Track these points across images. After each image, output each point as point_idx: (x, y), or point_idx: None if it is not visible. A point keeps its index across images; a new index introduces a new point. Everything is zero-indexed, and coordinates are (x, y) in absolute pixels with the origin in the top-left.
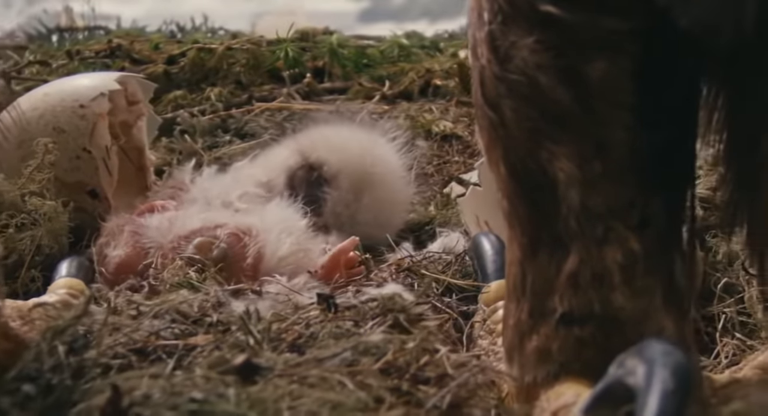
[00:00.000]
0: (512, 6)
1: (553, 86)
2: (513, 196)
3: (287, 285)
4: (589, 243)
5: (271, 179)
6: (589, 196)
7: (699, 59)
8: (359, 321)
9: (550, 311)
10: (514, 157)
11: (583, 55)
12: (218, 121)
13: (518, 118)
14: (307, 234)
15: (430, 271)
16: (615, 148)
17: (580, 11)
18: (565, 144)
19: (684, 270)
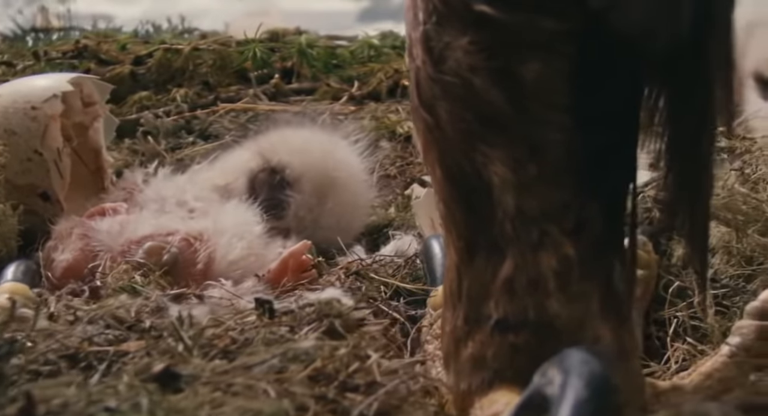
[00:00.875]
0: (447, 5)
1: (487, 88)
2: (449, 200)
3: (230, 290)
4: (524, 249)
5: (230, 182)
6: (524, 200)
7: (637, 60)
8: (295, 326)
9: (485, 317)
10: (449, 159)
11: (518, 56)
12: (182, 123)
13: (453, 121)
14: (261, 238)
15: (380, 275)
16: (550, 151)
17: (515, 11)
18: (500, 147)
19: (623, 276)
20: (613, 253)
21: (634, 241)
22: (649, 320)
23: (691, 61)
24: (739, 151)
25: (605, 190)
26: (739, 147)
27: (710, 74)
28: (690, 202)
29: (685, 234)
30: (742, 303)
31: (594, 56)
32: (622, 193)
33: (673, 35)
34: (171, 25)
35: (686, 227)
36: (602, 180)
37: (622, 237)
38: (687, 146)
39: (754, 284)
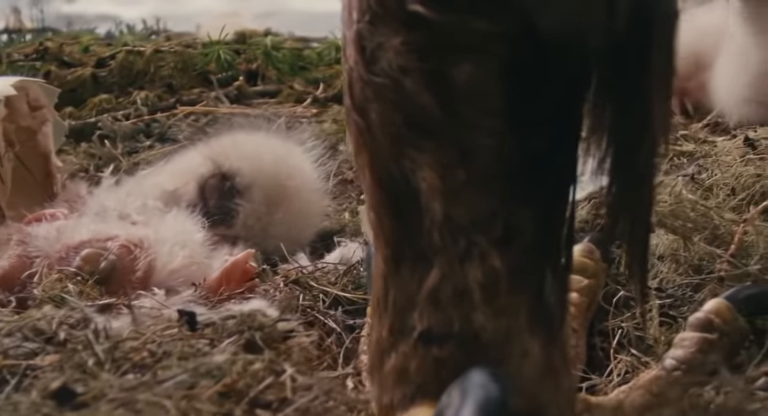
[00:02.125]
0: (381, 4)
1: (418, 90)
2: (377, 206)
3: (159, 300)
4: (451, 259)
5: (179, 188)
6: (452, 208)
7: (574, 63)
8: (215, 340)
9: (409, 329)
10: (378, 164)
11: (450, 57)
12: (142, 126)
13: (383, 124)
14: (204, 246)
15: (320, 283)
16: (480, 156)
17: (448, 12)
18: (428, 152)
19: (556, 287)
20: (546, 264)
21: (569, 252)
22: (594, 330)
23: (631, 59)
24: (698, 154)
25: (538, 198)
26: (698, 151)
27: (650, 79)
28: (630, 210)
29: (626, 244)
30: (689, 314)
31: (528, 58)
32: (558, 201)
33: (607, 35)
34: (146, 26)
35: (627, 236)
36: (535, 187)
37: (556, 248)
38: (627, 154)
39: (702, 293)
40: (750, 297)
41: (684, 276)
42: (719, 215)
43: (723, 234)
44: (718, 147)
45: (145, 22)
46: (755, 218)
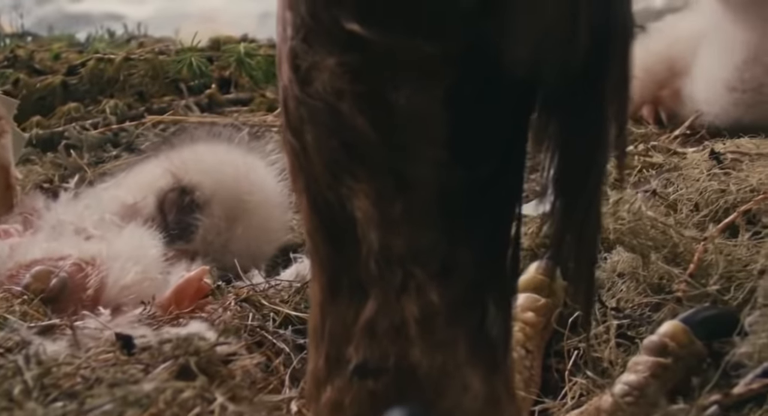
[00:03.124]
0: (316, 21)
1: (353, 115)
2: (313, 232)
3: (102, 321)
4: (387, 290)
5: (138, 201)
6: (389, 239)
7: (525, 87)
8: (150, 365)
9: (345, 360)
10: (315, 189)
11: (389, 81)
12: (110, 135)
13: (319, 148)
14: (158, 262)
15: (272, 301)
16: (420, 186)
17: (388, 32)
18: (365, 180)
19: (499, 318)
20: (488, 295)
21: (513, 281)
22: (550, 351)
23: (583, 91)
24: (666, 167)
25: (481, 230)
26: (667, 163)
27: (603, 105)
28: (576, 232)
29: (571, 266)
30: (647, 334)
31: (474, 84)
32: (502, 231)
33: (565, 68)
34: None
35: (572, 258)
36: (478, 219)
37: (500, 279)
38: (576, 174)
39: (661, 313)
40: (707, 320)
41: (643, 295)
42: (679, 233)
43: (683, 252)
44: (687, 159)
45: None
46: (715, 236)
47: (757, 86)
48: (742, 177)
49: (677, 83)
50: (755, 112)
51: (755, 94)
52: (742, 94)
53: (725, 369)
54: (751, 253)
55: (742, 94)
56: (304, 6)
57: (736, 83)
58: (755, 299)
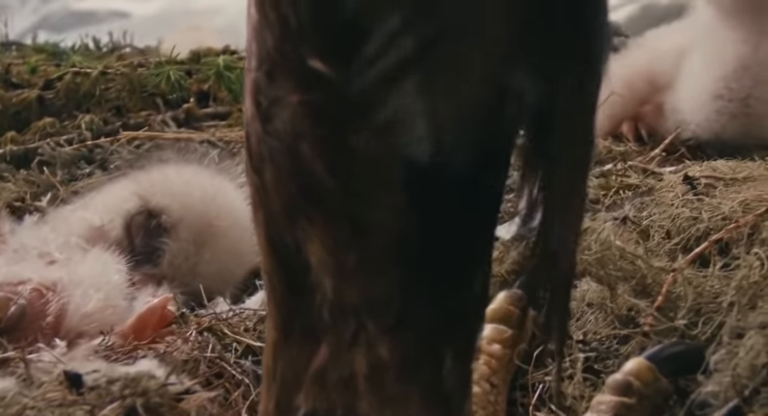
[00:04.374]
0: (280, 54)
1: (313, 158)
2: (270, 272)
3: (56, 355)
4: (339, 341)
5: (106, 224)
6: (343, 288)
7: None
8: (96, 406)
9: (294, 407)
10: (273, 228)
11: (350, 125)
12: (84, 152)
13: (277, 188)
14: (121, 288)
15: (234, 330)
16: (377, 233)
17: (352, 71)
18: (320, 225)
19: (457, 371)
20: (446, 347)
21: (475, 332)
22: (515, 384)
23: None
24: (642, 188)
25: (441, 282)
26: (643, 185)
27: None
28: (551, 261)
29: (544, 298)
30: (614, 368)
31: None
32: (465, 282)
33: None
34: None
35: (546, 289)
36: (437, 267)
37: (459, 331)
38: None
39: (630, 346)
40: (673, 356)
41: (611, 327)
42: (647, 263)
43: (651, 283)
44: (664, 180)
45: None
46: (684, 268)
47: (744, 97)
48: (715, 204)
49: (659, 99)
50: (738, 125)
51: (741, 105)
52: (728, 103)
53: (690, 408)
54: (722, 285)
55: (727, 102)
56: (270, 38)
57: (722, 91)
58: (721, 336)
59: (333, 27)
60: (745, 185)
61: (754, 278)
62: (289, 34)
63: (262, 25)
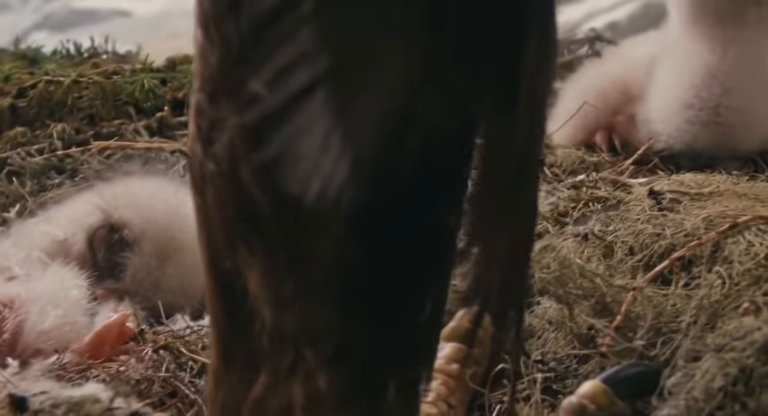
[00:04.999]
0: (223, 75)
1: (251, 182)
2: (212, 297)
3: (7, 376)
4: (278, 370)
5: (69, 238)
6: (282, 317)
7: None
8: None
9: None
10: (214, 252)
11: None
12: (55, 162)
13: (218, 211)
14: (80, 304)
15: (191, 349)
16: (317, 263)
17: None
18: (259, 252)
19: (401, 402)
20: (389, 378)
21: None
22: (473, 405)
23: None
24: (611, 202)
25: (382, 311)
26: (612, 197)
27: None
28: (503, 279)
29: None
30: (573, 388)
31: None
32: (408, 311)
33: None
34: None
35: (500, 308)
36: (380, 299)
37: (405, 358)
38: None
39: (589, 365)
40: (630, 378)
41: (570, 346)
42: (607, 282)
43: (611, 303)
44: (633, 193)
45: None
46: (643, 287)
47: (714, 106)
48: (678, 220)
49: (632, 109)
50: (709, 134)
51: (711, 113)
52: (698, 112)
53: None
54: (683, 304)
55: (698, 111)
56: (213, 58)
57: (692, 100)
58: (676, 360)
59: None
60: (710, 200)
61: (715, 297)
62: (231, 55)
63: (206, 45)
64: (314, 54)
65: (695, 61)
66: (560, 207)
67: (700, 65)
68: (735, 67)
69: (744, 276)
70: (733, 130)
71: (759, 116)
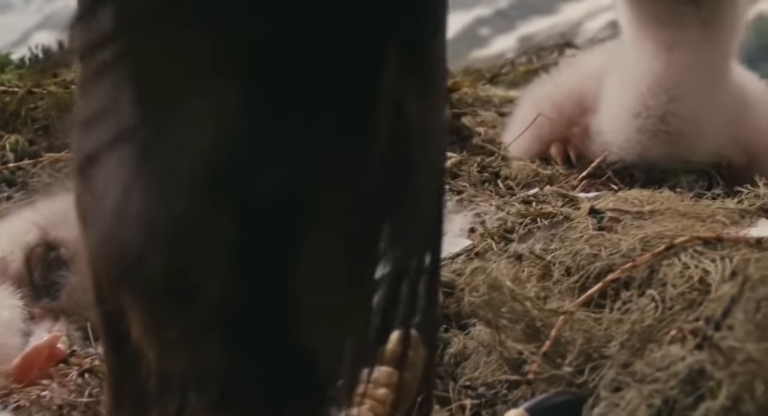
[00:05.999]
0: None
1: (134, 221)
2: (101, 334)
3: None
4: (164, 413)
5: (7, 255)
6: (165, 360)
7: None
8: None
9: None
10: (99, 290)
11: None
12: (6, 174)
13: (102, 245)
14: (13, 324)
15: None
16: (201, 306)
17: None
18: (138, 294)
19: None
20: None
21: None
22: None
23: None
24: (557, 218)
25: (270, 352)
26: (559, 214)
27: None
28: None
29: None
30: (501, 415)
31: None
32: (302, 351)
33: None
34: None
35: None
36: (269, 341)
37: (303, 400)
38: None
39: (519, 390)
40: (555, 407)
41: (501, 371)
42: (538, 306)
43: (542, 327)
44: (580, 209)
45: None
46: (573, 311)
47: (661, 114)
48: (615, 240)
49: (587, 120)
50: (659, 144)
51: (658, 122)
52: (645, 120)
53: None
54: (615, 328)
55: (645, 119)
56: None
57: (640, 109)
58: (598, 392)
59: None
60: (650, 219)
61: (647, 321)
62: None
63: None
64: (116, 109)
65: (642, 68)
66: (508, 222)
67: (646, 72)
68: (679, 74)
69: (678, 300)
70: (682, 140)
71: (709, 125)
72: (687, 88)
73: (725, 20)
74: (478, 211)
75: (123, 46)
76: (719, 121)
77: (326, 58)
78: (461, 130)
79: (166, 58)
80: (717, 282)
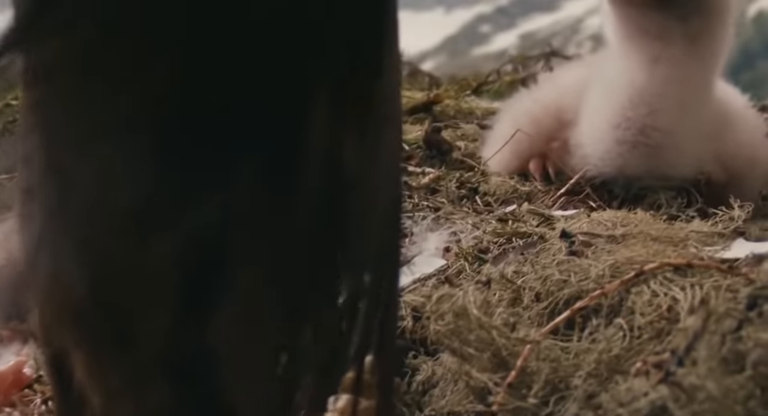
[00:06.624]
0: None
1: (74, 270)
2: (47, 374)
3: None
4: None
5: None
6: (111, 405)
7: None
8: None
9: None
10: (44, 330)
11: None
12: None
13: (46, 292)
14: None
15: None
16: (145, 350)
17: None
18: (80, 340)
19: None
20: None
21: None
22: None
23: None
24: (532, 238)
25: (220, 396)
26: (535, 234)
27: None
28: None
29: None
30: None
31: None
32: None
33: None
34: None
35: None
36: (213, 384)
37: None
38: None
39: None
40: None
41: (467, 401)
42: (504, 334)
43: (508, 356)
44: (555, 229)
45: None
46: (539, 341)
47: (641, 127)
48: (585, 266)
49: (566, 134)
50: (638, 156)
51: (638, 134)
52: (625, 132)
53: None
54: (582, 358)
55: (625, 131)
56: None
57: (620, 120)
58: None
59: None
60: (622, 244)
61: (615, 351)
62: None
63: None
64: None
65: (624, 80)
66: (484, 242)
67: (628, 83)
68: (661, 87)
69: (646, 329)
70: (662, 153)
71: (689, 140)
72: (668, 101)
73: (712, 37)
74: (455, 230)
75: (35, 96)
76: (699, 136)
77: (244, 99)
78: (441, 144)
79: (74, 109)
80: (685, 312)
